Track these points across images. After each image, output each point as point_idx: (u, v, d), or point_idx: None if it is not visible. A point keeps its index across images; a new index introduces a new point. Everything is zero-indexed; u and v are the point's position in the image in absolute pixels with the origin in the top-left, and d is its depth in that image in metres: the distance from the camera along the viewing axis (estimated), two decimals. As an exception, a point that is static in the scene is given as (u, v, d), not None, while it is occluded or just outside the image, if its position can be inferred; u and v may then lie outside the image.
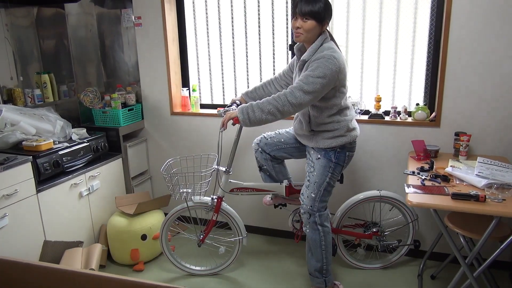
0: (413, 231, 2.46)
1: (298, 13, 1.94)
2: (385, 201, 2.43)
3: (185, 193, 2.31)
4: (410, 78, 2.57)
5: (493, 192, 1.79)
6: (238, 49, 2.93)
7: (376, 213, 2.54)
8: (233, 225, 2.47)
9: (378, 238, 2.46)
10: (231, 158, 2.34)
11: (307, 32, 1.95)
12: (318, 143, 2.10)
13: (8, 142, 2.42)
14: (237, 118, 1.99)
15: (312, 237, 2.17)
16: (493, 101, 2.31)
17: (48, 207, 2.39)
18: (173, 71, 3.01)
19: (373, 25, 2.55)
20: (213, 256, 2.68)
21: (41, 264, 1.38)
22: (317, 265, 2.20)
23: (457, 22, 2.26)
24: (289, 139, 2.35)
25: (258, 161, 2.45)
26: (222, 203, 2.41)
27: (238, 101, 2.39)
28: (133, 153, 3.05)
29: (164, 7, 2.86)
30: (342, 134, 2.07)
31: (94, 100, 3.00)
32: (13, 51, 2.82)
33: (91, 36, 3.13)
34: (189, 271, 2.57)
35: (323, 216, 2.15)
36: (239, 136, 2.32)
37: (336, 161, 2.10)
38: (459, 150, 2.30)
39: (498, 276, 2.39)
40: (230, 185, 2.38)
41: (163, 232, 2.50)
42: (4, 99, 2.72)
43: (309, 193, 2.13)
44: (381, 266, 2.56)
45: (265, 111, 1.93)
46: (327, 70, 1.88)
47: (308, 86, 1.88)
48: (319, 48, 1.96)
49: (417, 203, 1.79)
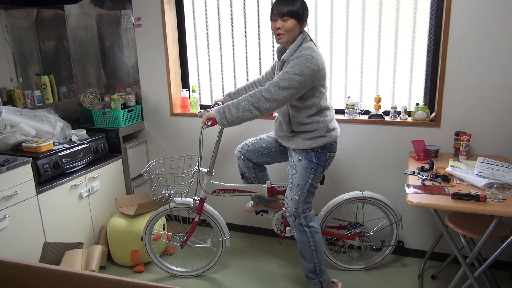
0: (396, 231, 2.46)
1: (277, 14, 1.96)
2: (368, 201, 2.43)
3: (167, 194, 2.31)
4: (410, 78, 2.57)
5: (494, 192, 1.79)
6: (238, 49, 2.93)
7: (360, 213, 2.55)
8: (216, 226, 2.46)
9: (362, 239, 2.46)
10: (213, 159, 2.34)
11: (289, 32, 1.96)
12: (298, 144, 2.10)
13: (8, 144, 2.42)
14: (214, 119, 1.99)
15: (300, 239, 2.17)
16: (493, 101, 2.31)
17: (48, 209, 2.39)
18: (173, 72, 3.01)
19: (373, 24, 2.55)
20: (199, 257, 2.68)
21: (41, 266, 1.38)
22: (309, 267, 2.21)
23: (457, 22, 2.26)
24: (270, 143, 2.35)
25: (241, 169, 2.45)
26: (205, 204, 2.41)
27: (221, 102, 2.40)
28: (133, 154, 3.05)
29: (164, 8, 2.86)
30: (322, 134, 2.07)
31: (94, 101, 3.00)
32: (13, 52, 2.82)
33: (91, 37, 3.13)
34: (173, 272, 2.56)
35: (308, 217, 2.15)
36: (221, 137, 2.32)
37: (317, 161, 2.10)
38: (459, 150, 2.29)
39: (498, 276, 2.39)
40: (213, 186, 2.37)
41: (147, 233, 2.50)
42: (4, 100, 2.72)
43: (293, 195, 2.13)
44: (364, 267, 2.55)
45: (241, 108, 1.93)
46: (304, 68, 1.89)
47: (284, 82, 1.89)
48: (298, 48, 1.97)
49: (417, 203, 1.79)
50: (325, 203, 2.47)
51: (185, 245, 2.48)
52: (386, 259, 2.55)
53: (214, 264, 2.53)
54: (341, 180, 2.71)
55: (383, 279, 2.46)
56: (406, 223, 2.59)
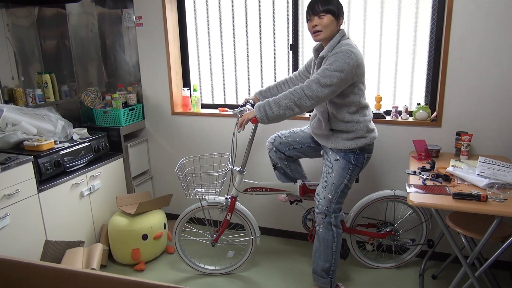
0: (426, 230, 2.45)
1: (312, 14, 1.95)
2: (400, 200, 2.42)
3: (199, 193, 2.31)
4: (411, 78, 2.57)
5: (495, 192, 1.79)
6: (239, 48, 2.93)
7: (389, 212, 2.53)
8: (247, 224, 2.46)
9: (392, 238, 2.45)
10: (246, 157, 2.32)
11: (326, 28, 1.94)
12: (337, 144, 2.08)
13: (10, 142, 2.43)
14: (255, 118, 1.97)
15: (325, 237, 2.15)
16: (495, 101, 2.30)
17: (49, 207, 2.40)
18: (174, 71, 3.01)
19: (374, 24, 2.55)
20: (226, 256, 2.68)
21: (42, 264, 1.38)
22: (325, 265, 2.19)
23: (459, 21, 2.26)
24: (304, 139, 2.33)
25: (272, 160, 2.42)
26: (236, 203, 2.40)
27: (252, 100, 2.38)
28: (134, 153, 3.05)
29: (165, 7, 2.86)
30: (362, 135, 2.05)
31: (95, 100, 3.00)
32: (14, 51, 2.83)
33: (92, 36, 3.14)
34: (203, 270, 2.56)
35: (338, 217, 2.14)
36: (254, 135, 2.31)
37: (355, 162, 2.09)
38: (461, 149, 2.29)
39: (499, 276, 2.39)
40: (244, 184, 2.37)
41: (177, 232, 2.49)
42: (5, 99, 2.73)
43: (326, 194, 2.11)
44: (394, 265, 2.55)
45: (282, 106, 1.91)
46: (344, 64, 1.87)
47: (325, 79, 1.87)
48: (337, 45, 1.95)
49: (418, 203, 1.79)
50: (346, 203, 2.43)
51: (216, 243, 2.47)
52: (413, 258, 2.55)
53: (244, 262, 2.53)
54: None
55: (383, 278, 2.46)
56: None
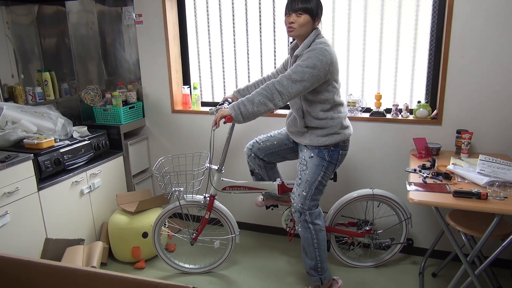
0: (406, 229, 2.46)
1: (291, 10, 1.96)
2: (378, 199, 2.43)
3: (177, 192, 2.31)
4: (411, 76, 2.57)
5: (495, 190, 1.79)
6: (239, 46, 2.92)
7: (369, 211, 2.54)
8: (226, 223, 2.46)
9: (371, 237, 2.46)
10: (224, 156, 2.33)
11: (301, 27, 1.96)
12: (312, 141, 2.09)
13: (9, 140, 2.43)
14: (229, 117, 1.98)
15: (303, 235, 2.17)
16: (495, 99, 2.30)
17: (49, 205, 2.40)
18: (174, 69, 3.01)
19: (375, 22, 2.54)
20: (205, 255, 2.68)
21: (42, 262, 1.38)
22: (311, 263, 2.21)
23: (459, 19, 2.25)
24: (281, 140, 2.34)
25: (250, 166, 2.45)
26: (215, 201, 2.41)
27: (230, 99, 2.39)
28: (134, 151, 3.05)
29: (165, 5, 2.85)
30: (336, 131, 2.06)
31: (95, 98, 3.00)
32: (14, 49, 2.82)
33: (92, 34, 3.13)
34: (182, 269, 2.56)
35: (313, 214, 2.15)
36: (231, 134, 2.32)
37: (329, 159, 2.10)
38: (461, 148, 2.29)
39: (499, 274, 2.39)
40: (223, 183, 2.37)
41: (155, 230, 2.50)
42: (5, 97, 2.73)
43: (300, 191, 2.12)
44: (373, 264, 2.56)
45: (256, 103, 1.93)
46: (317, 61, 1.89)
47: (296, 74, 1.89)
48: (312, 43, 1.97)
49: (418, 201, 1.78)
50: (327, 199, 2.46)
51: (195, 242, 2.48)
52: (395, 257, 2.55)
53: (224, 261, 2.54)
54: (347, 178, 2.71)
55: (383, 277, 2.46)
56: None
